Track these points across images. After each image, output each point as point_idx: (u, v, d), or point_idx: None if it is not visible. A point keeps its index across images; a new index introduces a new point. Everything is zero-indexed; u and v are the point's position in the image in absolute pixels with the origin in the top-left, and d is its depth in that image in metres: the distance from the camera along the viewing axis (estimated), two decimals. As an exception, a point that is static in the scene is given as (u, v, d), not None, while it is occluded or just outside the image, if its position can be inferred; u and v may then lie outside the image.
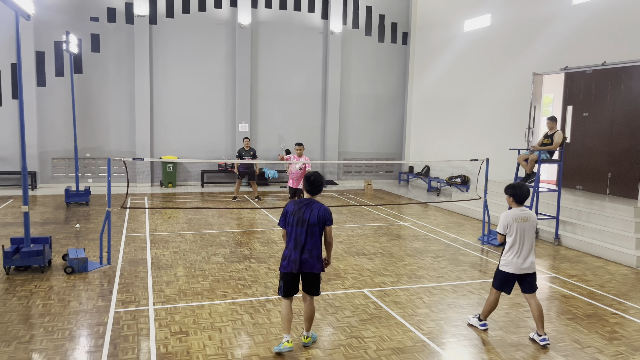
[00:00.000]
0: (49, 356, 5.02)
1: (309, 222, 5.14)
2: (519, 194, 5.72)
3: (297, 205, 5.23)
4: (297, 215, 5.18)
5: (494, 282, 5.83)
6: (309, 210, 5.17)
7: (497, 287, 5.78)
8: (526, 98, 13.65)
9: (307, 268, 5.17)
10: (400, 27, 20.34)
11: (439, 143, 18.46)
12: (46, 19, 16.34)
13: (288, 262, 5.19)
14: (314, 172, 5.33)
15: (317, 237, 5.19)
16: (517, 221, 5.61)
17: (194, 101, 18.13)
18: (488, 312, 5.89)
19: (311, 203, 5.23)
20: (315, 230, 5.16)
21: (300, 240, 5.15)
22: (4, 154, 16.37)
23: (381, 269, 8.32)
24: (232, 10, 18.19)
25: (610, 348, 5.53)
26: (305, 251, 5.14)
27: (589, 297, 7.16)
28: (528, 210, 5.76)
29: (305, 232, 5.14)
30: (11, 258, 7.45)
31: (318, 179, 5.28)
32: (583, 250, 9.89)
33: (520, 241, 5.59)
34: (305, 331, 5.42)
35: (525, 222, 5.62)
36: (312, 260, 5.16)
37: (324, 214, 5.18)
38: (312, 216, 5.15)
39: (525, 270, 5.61)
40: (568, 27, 12.81)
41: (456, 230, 11.60)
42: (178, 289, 7.05)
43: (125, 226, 11.11)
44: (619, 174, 11.43)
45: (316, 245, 5.18)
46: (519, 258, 5.59)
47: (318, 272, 5.25)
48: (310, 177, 5.27)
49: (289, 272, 5.19)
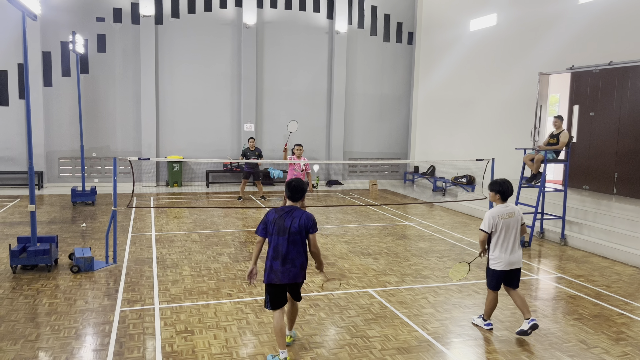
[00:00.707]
0: (55, 354, 5.05)
1: (290, 230, 4.88)
2: (506, 190, 5.71)
3: (278, 213, 4.96)
4: (277, 223, 4.92)
5: (489, 282, 5.85)
6: (290, 218, 4.91)
7: (493, 287, 5.80)
8: (532, 98, 13.60)
9: (291, 278, 4.93)
10: (406, 27, 20.30)
11: (444, 143, 18.41)
12: (53, 20, 16.43)
13: (269, 273, 4.94)
14: (295, 178, 5.16)
15: (300, 246, 4.93)
16: (502, 218, 5.65)
17: (199, 101, 18.18)
18: (490, 311, 5.90)
19: (292, 210, 4.98)
20: (297, 239, 4.90)
21: (281, 250, 4.89)
22: (11, 154, 16.47)
23: (386, 268, 8.31)
24: (237, 10, 18.22)
25: (617, 348, 5.50)
26: (288, 261, 4.89)
27: (596, 298, 7.13)
28: (512, 205, 5.79)
29: (286, 241, 4.88)
30: (18, 257, 7.50)
31: (299, 184, 5.06)
32: (589, 250, 9.83)
33: (506, 237, 5.64)
34: (288, 330, 5.36)
35: (510, 218, 5.67)
36: (296, 269, 4.92)
37: (306, 222, 4.91)
38: (292, 224, 4.89)
39: (514, 265, 5.68)
40: (574, 26, 12.75)
41: (462, 230, 11.57)
42: (183, 288, 7.07)
43: (131, 225, 11.16)
44: (626, 174, 11.37)
45: (299, 254, 4.93)
46: (506, 254, 5.64)
47: (301, 281, 5.05)
48: (291, 183, 5.07)
49: (273, 283, 4.94)
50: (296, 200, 5.11)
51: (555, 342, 5.61)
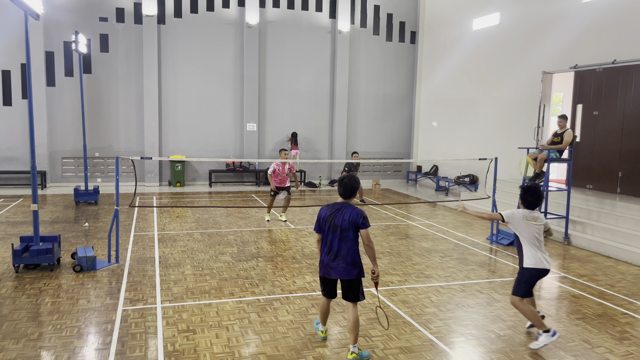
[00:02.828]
0: (57, 353, 5.05)
1: (341, 227, 4.99)
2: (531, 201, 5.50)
3: (330, 210, 5.09)
4: (329, 221, 5.06)
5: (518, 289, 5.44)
6: (341, 215, 5.00)
7: (523, 293, 5.42)
8: (535, 97, 13.55)
9: (341, 274, 5.03)
10: (409, 26, 20.27)
11: (447, 142, 18.38)
12: (55, 20, 16.46)
13: (322, 267, 5.17)
14: (348, 175, 5.16)
15: (352, 243, 5.01)
16: (527, 219, 5.44)
17: (202, 101, 18.18)
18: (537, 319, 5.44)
19: (343, 207, 5.06)
20: (348, 235, 4.99)
21: (333, 247, 5.04)
22: (14, 154, 16.51)
23: (389, 268, 8.29)
24: (240, 10, 18.22)
25: (621, 348, 5.47)
26: (339, 257, 5.02)
27: (599, 297, 7.09)
28: (539, 213, 5.59)
29: (338, 238, 5.01)
30: (21, 256, 7.50)
31: (350, 182, 5.08)
32: (593, 249, 9.79)
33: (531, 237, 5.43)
34: (351, 344, 5.03)
35: (534, 222, 5.48)
36: (347, 266, 5.00)
37: (355, 217, 4.96)
38: (343, 221, 4.98)
39: (546, 265, 5.40)
40: (578, 25, 12.71)
41: (464, 229, 11.53)
42: (186, 288, 7.07)
43: (134, 225, 11.16)
44: (630, 173, 11.32)
45: (350, 251, 5.01)
46: (538, 252, 5.39)
47: (354, 278, 5.04)
48: (343, 180, 5.11)
49: (321, 275, 5.21)
50: (347, 197, 5.13)
51: (559, 341, 5.58)
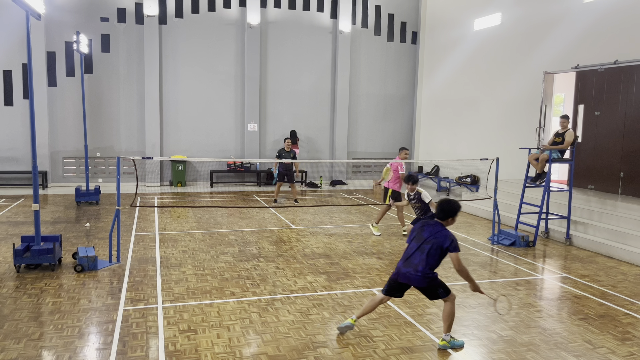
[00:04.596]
0: (58, 353, 5.04)
1: (424, 239, 5.24)
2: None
3: (422, 224, 5.41)
4: (417, 233, 5.36)
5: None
6: (429, 231, 5.27)
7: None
8: (537, 97, 13.54)
9: (409, 280, 5.26)
10: (410, 27, 20.26)
11: (448, 143, 18.37)
12: (57, 20, 16.48)
13: (395, 270, 5.43)
14: (448, 199, 5.40)
15: (426, 256, 5.16)
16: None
17: (203, 101, 18.19)
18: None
19: (435, 225, 5.31)
20: (426, 248, 5.18)
21: (409, 252, 5.30)
22: (15, 154, 16.52)
23: (390, 268, 8.28)
24: (241, 10, 18.22)
25: (623, 349, 5.46)
26: (410, 264, 5.24)
27: (601, 298, 7.08)
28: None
29: (416, 247, 5.26)
30: (22, 256, 7.50)
31: (447, 206, 5.29)
32: (595, 250, 9.78)
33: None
34: (443, 332, 5.40)
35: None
36: (416, 275, 5.19)
37: (443, 239, 5.17)
38: (429, 236, 5.23)
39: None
40: (579, 25, 12.69)
41: (466, 230, 11.52)
42: (187, 288, 7.06)
43: (135, 225, 11.16)
44: (632, 174, 11.30)
45: (423, 262, 5.16)
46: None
47: (424, 286, 5.27)
48: (442, 203, 5.35)
49: (392, 277, 5.45)
50: (440, 218, 5.33)
51: (561, 342, 5.57)
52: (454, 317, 5.38)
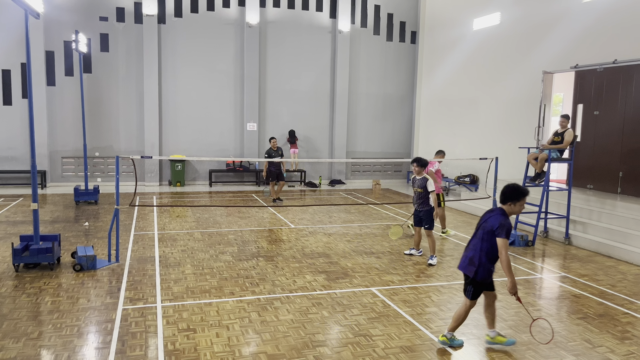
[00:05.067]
0: (57, 352, 5.03)
1: (480, 225, 5.25)
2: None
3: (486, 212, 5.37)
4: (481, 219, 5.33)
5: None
6: (486, 215, 5.26)
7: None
8: (536, 97, 13.54)
9: (460, 265, 5.31)
10: (409, 26, 20.27)
11: (447, 142, 18.34)
12: (56, 19, 16.46)
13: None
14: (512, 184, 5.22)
15: (479, 241, 5.13)
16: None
17: (202, 100, 18.18)
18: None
19: (494, 210, 5.26)
20: (480, 234, 5.15)
21: (469, 241, 5.35)
22: (14, 153, 16.50)
23: (389, 267, 8.28)
24: (240, 9, 18.21)
25: (622, 348, 5.46)
26: (465, 250, 5.33)
27: (600, 297, 7.08)
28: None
29: (474, 234, 5.28)
30: (21, 255, 7.49)
31: (507, 190, 5.15)
32: (594, 249, 9.78)
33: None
34: (447, 329, 5.42)
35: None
36: (465, 259, 5.23)
37: (492, 222, 5.05)
38: (484, 222, 5.20)
39: None
40: (578, 25, 12.69)
41: (465, 229, 11.52)
42: (186, 287, 7.06)
43: (134, 224, 11.15)
44: (631, 173, 11.31)
45: (474, 248, 5.16)
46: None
47: (468, 275, 5.20)
48: (504, 187, 5.23)
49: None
50: (501, 202, 5.20)
51: (560, 341, 5.57)
52: (463, 322, 5.34)
